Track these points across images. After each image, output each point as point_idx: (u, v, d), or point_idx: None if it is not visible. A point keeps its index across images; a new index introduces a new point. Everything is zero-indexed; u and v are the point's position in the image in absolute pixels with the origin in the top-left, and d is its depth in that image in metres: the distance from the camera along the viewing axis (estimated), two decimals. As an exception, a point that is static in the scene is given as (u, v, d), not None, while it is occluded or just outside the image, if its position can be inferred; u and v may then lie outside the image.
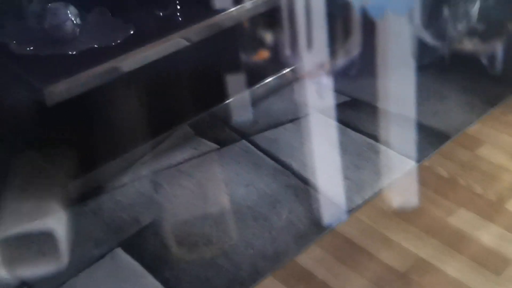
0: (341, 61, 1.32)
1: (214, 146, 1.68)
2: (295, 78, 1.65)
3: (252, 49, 1.72)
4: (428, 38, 1.60)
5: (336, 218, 1.43)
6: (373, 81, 1.79)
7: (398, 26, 1.55)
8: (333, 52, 1.34)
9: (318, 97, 1.36)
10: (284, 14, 1.47)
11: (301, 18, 1.21)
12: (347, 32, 1.40)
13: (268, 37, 1.72)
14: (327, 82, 1.36)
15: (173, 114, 1.66)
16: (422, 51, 1.71)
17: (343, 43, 1.31)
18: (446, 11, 1.65)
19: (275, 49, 1.70)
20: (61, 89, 1.35)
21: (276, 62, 1.78)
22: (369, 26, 1.55)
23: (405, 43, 1.60)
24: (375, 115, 1.75)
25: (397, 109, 1.74)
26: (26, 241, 1.33)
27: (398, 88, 1.77)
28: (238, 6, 1.61)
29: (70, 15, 1.40)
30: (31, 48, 1.41)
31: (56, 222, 1.37)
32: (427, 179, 1.54)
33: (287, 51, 1.48)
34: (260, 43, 1.71)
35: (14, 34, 1.45)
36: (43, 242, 1.33)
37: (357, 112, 1.77)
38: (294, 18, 1.39)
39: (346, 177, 1.54)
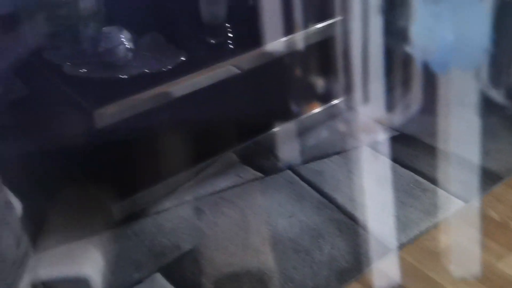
0: (398, 116, 1.28)
1: (259, 174, 1.67)
2: (345, 110, 1.63)
3: (303, 78, 1.70)
4: (496, 96, 1.51)
5: (380, 255, 1.39)
6: (424, 117, 1.75)
7: (463, 82, 1.48)
8: (390, 106, 1.30)
9: (374, 156, 1.32)
10: (338, 48, 1.45)
11: (356, 55, 1.18)
12: (406, 86, 1.36)
13: (319, 67, 1.70)
14: (383, 138, 1.32)
15: (219, 140, 1.66)
16: (489, 109, 1.63)
17: (402, 97, 1.27)
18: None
19: (326, 80, 1.68)
20: (111, 112, 1.36)
21: (327, 93, 1.76)
22: (431, 81, 1.48)
23: (470, 100, 1.53)
24: (425, 152, 1.70)
25: (447, 147, 1.69)
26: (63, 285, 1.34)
27: (450, 125, 1.73)
28: (290, 36, 1.61)
29: (123, 40, 1.43)
30: (84, 70, 1.44)
31: (94, 265, 1.38)
32: (476, 221, 1.49)
33: (338, 84, 1.45)
34: (310, 73, 1.70)
35: (69, 56, 1.49)
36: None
37: (406, 148, 1.72)
38: (348, 54, 1.36)
39: (392, 214, 1.51)
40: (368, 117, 1.25)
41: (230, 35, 1.59)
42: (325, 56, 1.67)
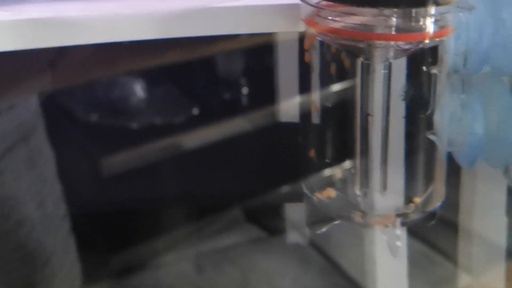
0: (419, 210, 1.22)
1: (264, 234, 1.63)
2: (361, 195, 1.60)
3: (315, 149, 1.68)
4: None
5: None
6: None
7: (491, 178, 1.43)
8: (409, 199, 1.25)
9: (391, 251, 1.27)
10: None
11: (376, 138, 1.13)
12: (429, 178, 1.31)
13: (333, 142, 1.68)
14: (402, 233, 1.27)
15: (226, 196, 1.64)
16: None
17: (424, 190, 1.22)
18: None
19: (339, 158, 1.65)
20: (118, 161, 1.35)
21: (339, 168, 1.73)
22: (454, 173, 1.43)
23: (498, 199, 1.48)
24: (436, 223, 1.66)
25: (459, 219, 1.65)
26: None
27: (465, 198, 1.69)
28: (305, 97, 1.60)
29: (137, 89, 1.43)
30: (95, 117, 1.44)
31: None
32: (485, 298, 1.44)
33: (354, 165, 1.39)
34: (324, 145, 1.67)
35: (81, 102, 1.48)
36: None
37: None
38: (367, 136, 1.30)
39: (399, 285, 1.46)
40: (386, 205, 1.21)
41: (246, 92, 1.59)
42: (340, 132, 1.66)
